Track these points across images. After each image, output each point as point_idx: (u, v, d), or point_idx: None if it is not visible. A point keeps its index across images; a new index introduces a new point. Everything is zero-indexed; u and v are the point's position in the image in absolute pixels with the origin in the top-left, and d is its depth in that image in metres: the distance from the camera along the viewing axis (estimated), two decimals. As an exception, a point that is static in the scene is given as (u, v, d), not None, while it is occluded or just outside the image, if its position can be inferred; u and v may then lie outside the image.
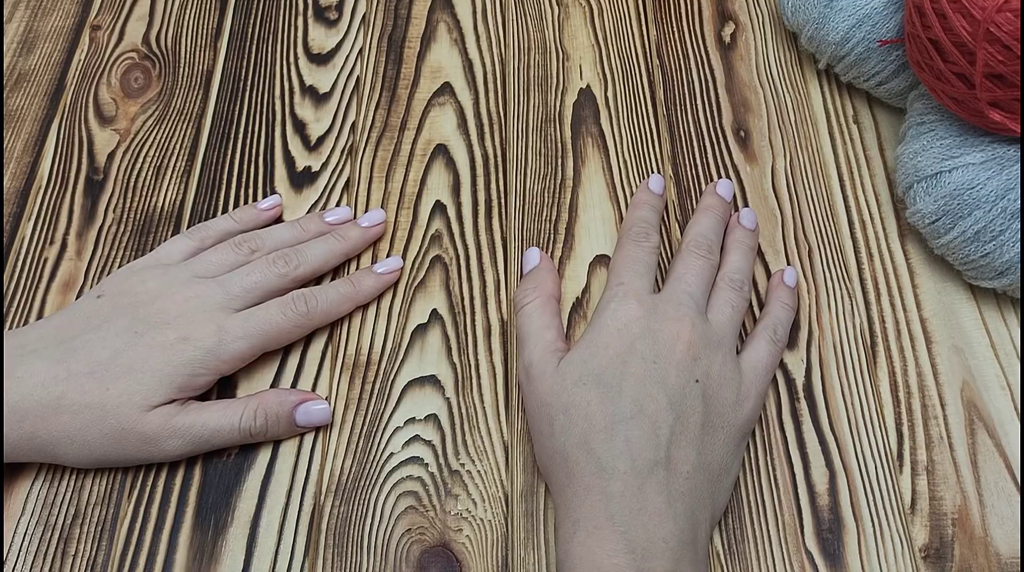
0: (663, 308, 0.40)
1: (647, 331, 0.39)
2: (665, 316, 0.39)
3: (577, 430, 0.37)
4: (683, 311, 0.40)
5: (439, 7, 0.56)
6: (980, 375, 0.43)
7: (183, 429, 0.39)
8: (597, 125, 0.51)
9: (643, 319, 0.39)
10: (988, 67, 0.39)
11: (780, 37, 0.55)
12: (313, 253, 0.44)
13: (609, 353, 0.38)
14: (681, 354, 0.38)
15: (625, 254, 0.43)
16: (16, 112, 0.53)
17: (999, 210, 0.41)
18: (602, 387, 0.37)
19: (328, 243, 0.45)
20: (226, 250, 0.44)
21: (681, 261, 0.43)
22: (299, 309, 0.42)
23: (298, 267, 0.44)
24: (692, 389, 0.38)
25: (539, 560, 0.39)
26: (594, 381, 0.38)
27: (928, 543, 0.39)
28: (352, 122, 0.52)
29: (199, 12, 0.57)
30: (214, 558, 0.39)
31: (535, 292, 0.43)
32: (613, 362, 0.38)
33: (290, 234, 0.46)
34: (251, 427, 0.40)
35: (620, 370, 0.38)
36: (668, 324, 0.39)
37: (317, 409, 0.42)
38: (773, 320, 0.43)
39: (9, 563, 0.39)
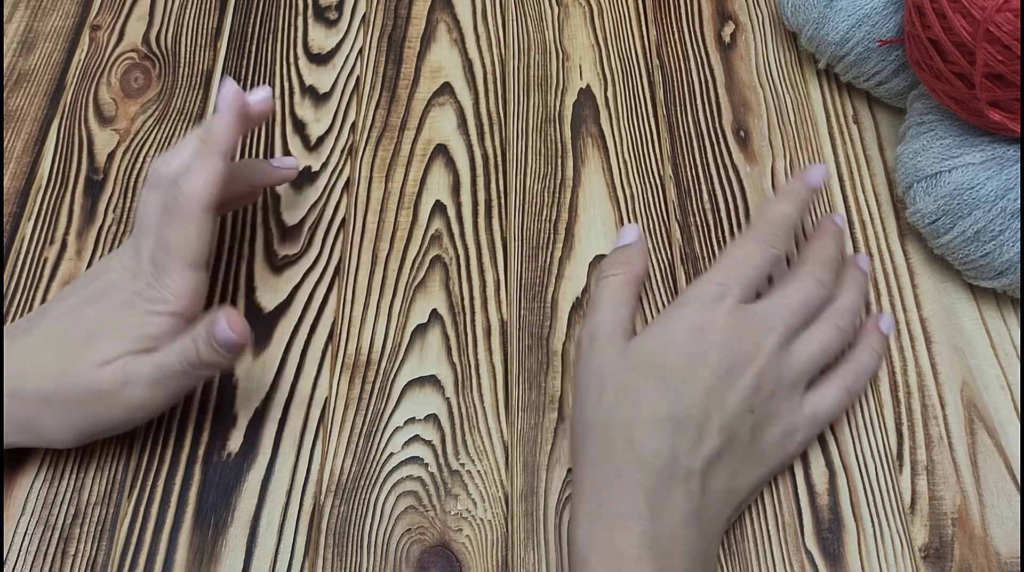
0: (750, 323, 0.38)
1: (725, 344, 0.37)
2: (749, 334, 0.37)
3: (622, 413, 0.36)
4: (769, 336, 0.38)
5: (439, 7, 0.56)
6: (980, 375, 0.43)
7: (135, 374, 0.37)
8: (597, 125, 0.51)
9: (726, 330, 0.37)
10: (988, 67, 0.39)
11: (780, 37, 0.55)
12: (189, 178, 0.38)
13: (679, 351, 0.37)
14: (748, 379, 0.37)
15: (744, 253, 0.40)
16: (16, 112, 0.53)
17: (999, 210, 0.41)
18: (660, 382, 0.37)
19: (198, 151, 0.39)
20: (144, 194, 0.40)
21: (798, 280, 0.40)
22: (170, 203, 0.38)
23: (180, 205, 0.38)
24: (745, 418, 0.37)
25: (539, 560, 0.39)
26: (655, 373, 0.37)
27: (928, 543, 0.39)
28: (352, 122, 0.52)
29: (199, 12, 0.57)
30: (214, 558, 0.39)
31: (623, 267, 0.42)
32: (680, 362, 0.37)
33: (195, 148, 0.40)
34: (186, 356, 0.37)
35: (685, 374, 0.36)
36: (748, 344, 0.37)
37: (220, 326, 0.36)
38: (856, 367, 0.40)
39: (9, 563, 0.39)
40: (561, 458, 0.41)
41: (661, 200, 0.49)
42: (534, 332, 0.45)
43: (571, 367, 0.43)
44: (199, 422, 0.42)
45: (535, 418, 0.42)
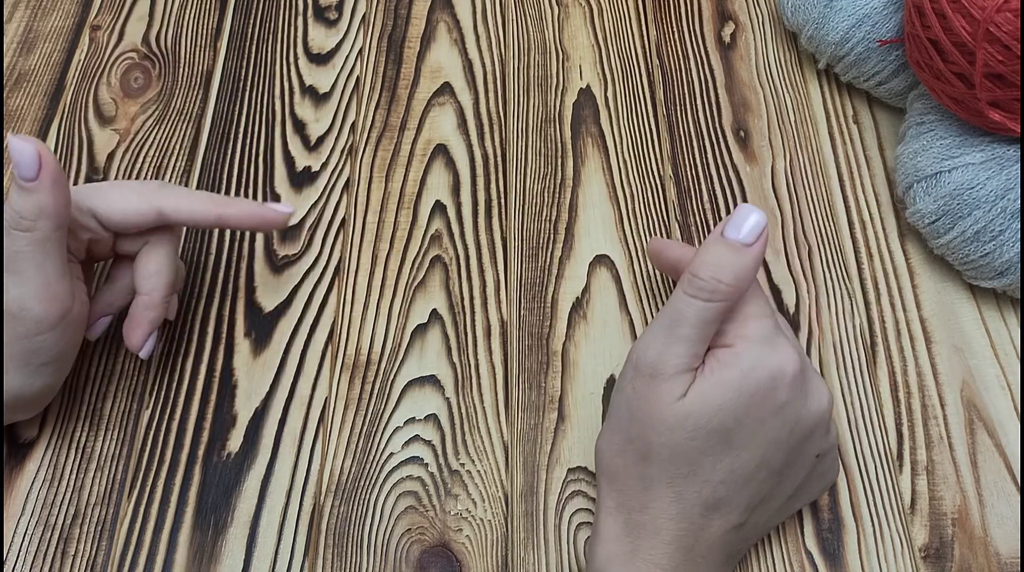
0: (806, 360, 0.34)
1: (800, 393, 0.33)
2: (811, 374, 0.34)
3: (675, 471, 0.32)
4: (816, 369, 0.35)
5: (439, 7, 0.56)
6: (980, 375, 0.43)
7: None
8: (597, 125, 0.51)
9: (799, 374, 0.33)
10: (988, 67, 0.39)
11: (780, 37, 0.55)
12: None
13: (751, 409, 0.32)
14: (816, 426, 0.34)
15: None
16: (16, 112, 0.53)
17: (999, 210, 0.41)
18: (724, 442, 0.32)
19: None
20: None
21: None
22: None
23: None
24: (807, 463, 0.34)
25: (539, 560, 0.39)
26: (719, 434, 0.32)
27: (928, 543, 0.39)
28: (352, 122, 0.52)
29: (199, 12, 0.57)
30: (214, 558, 0.39)
31: (727, 292, 0.32)
32: (751, 420, 0.32)
33: None
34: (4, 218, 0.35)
35: (754, 429, 0.32)
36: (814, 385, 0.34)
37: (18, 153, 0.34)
38: None
39: (9, 563, 0.39)
40: (561, 458, 0.41)
41: (661, 200, 0.49)
42: (534, 332, 0.45)
43: (571, 366, 0.43)
44: (199, 422, 0.42)
45: (535, 418, 0.42)
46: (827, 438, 0.35)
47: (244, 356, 0.44)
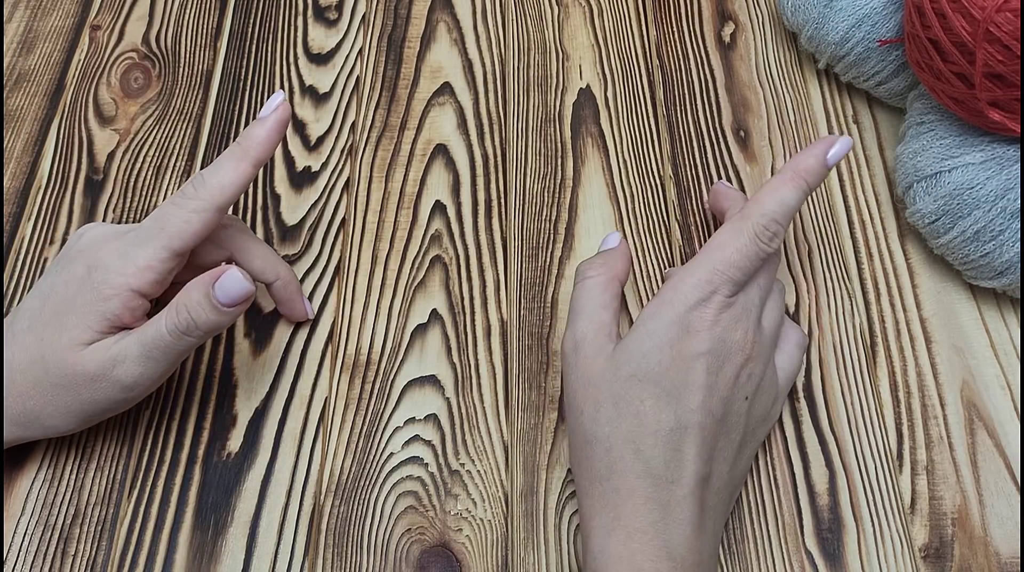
0: (733, 313, 0.37)
1: (718, 341, 0.36)
2: (733, 326, 0.37)
3: (625, 426, 0.35)
4: (749, 322, 0.37)
5: (439, 7, 0.56)
6: (980, 375, 0.43)
7: (122, 354, 0.37)
8: (597, 125, 0.51)
9: (716, 327, 0.36)
10: (988, 67, 0.39)
11: (780, 37, 0.55)
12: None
13: (673, 354, 0.36)
14: (739, 370, 0.36)
15: (739, 245, 0.37)
16: (16, 112, 0.53)
17: (999, 210, 0.41)
18: (659, 389, 0.35)
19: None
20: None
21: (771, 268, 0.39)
22: (187, 192, 0.38)
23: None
24: (741, 406, 0.37)
25: (539, 560, 0.39)
26: (651, 381, 0.35)
27: (928, 543, 0.39)
28: (352, 122, 0.52)
29: (199, 12, 0.57)
30: (214, 558, 0.39)
31: (603, 268, 0.39)
32: (675, 365, 0.35)
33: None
34: (177, 325, 0.37)
35: (682, 377, 0.35)
36: (735, 334, 0.37)
37: (230, 279, 0.36)
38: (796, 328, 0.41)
39: (9, 563, 0.39)
40: (561, 458, 0.41)
41: (661, 200, 0.49)
42: (534, 332, 0.45)
43: (571, 367, 0.43)
44: (199, 422, 0.42)
45: (535, 418, 0.42)
46: (750, 382, 0.37)
47: (244, 356, 0.44)
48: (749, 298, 0.38)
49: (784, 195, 0.38)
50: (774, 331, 0.39)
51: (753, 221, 0.37)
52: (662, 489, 0.34)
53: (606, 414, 0.36)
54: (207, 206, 0.38)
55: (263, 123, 0.39)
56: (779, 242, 0.38)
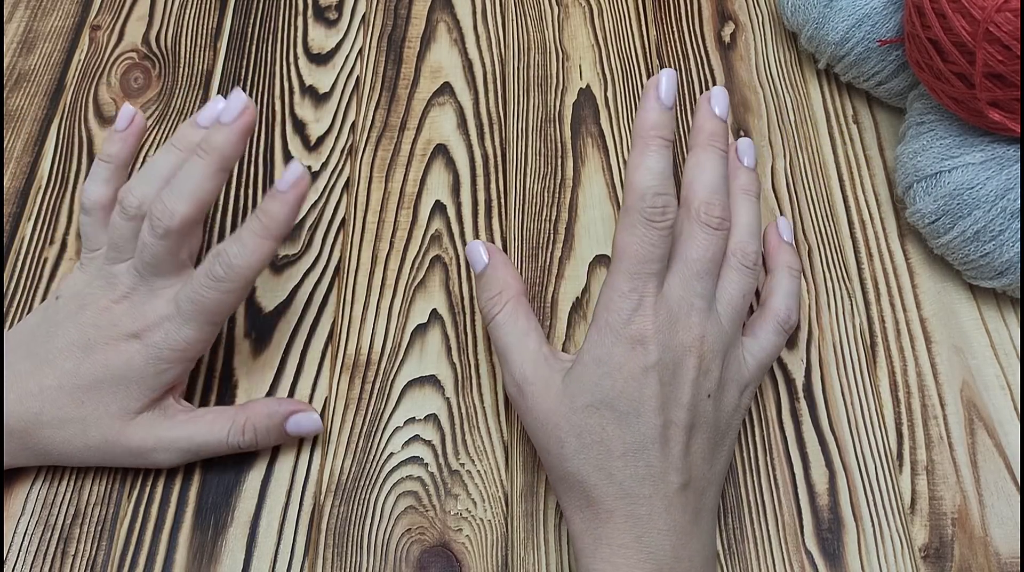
0: (674, 313, 0.35)
1: (664, 349, 0.35)
2: (678, 324, 0.35)
3: (592, 455, 0.35)
4: (695, 317, 0.36)
5: (439, 7, 0.56)
6: (980, 375, 0.43)
7: (168, 441, 0.39)
8: (597, 125, 0.51)
9: (660, 334, 0.35)
10: (988, 67, 0.39)
11: (780, 37, 0.55)
12: (182, 190, 0.38)
13: (623, 375, 0.35)
14: (694, 370, 0.35)
15: (637, 239, 0.35)
16: (16, 112, 0.53)
17: (999, 210, 0.41)
18: (616, 413, 0.35)
19: (194, 168, 0.38)
20: (118, 221, 0.40)
21: (690, 237, 0.37)
22: (217, 274, 0.38)
23: (173, 217, 0.38)
24: (705, 404, 0.36)
25: (539, 560, 0.39)
26: (607, 406, 0.35)
27: (928, 543, 0.39)
28: (352, 122, 0.52)
29: (199, 12, 0.57)
30: (214, 558, 0.39)
31: (501, 297, 0.39)
32: (628, 387, 0.35)
33: (165, 164, 0.40)
34: (240, 441, 0.39)
35: (637, 395, 0.35)
36: (682, 334, 0.35)
37: (307, 420, 0.40)
38: (782, 299, 0.40)
39: (9, 563, 0.39)
40: (561, 458, 0.41)
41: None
42: (534, 332, 0.45)
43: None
44: (199, 422, 0.42)
45: (535, 418, 0.42)
46: (708, 379, 0.36)
47: (244, 356, 0.44)
48: (686, 289, 0.36)
49: (647, 163, 0.36)
50: (732, 317, 0.37)
51: (636, 207, 0.35)
52: (640, 505, 0.34)
53: (571, 448, 0.35)
54: (238, 286, 0.38)
55: (285, 199, 0.38)
56: (672, 212, 0.35)
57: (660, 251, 0.35)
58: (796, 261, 0.42)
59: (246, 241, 0.38)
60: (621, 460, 0.34)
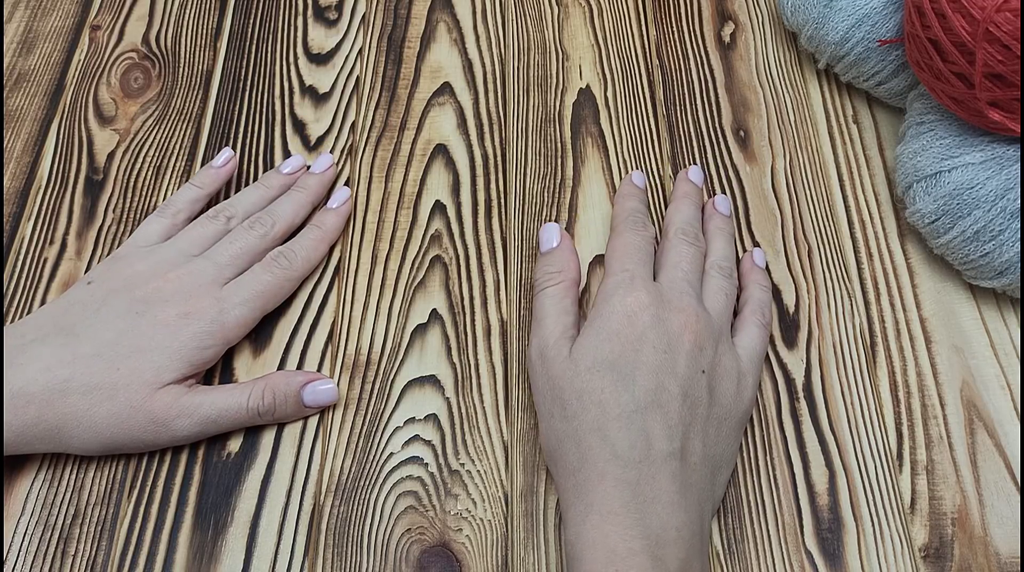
0: (668, 296, 0.40)
1: (657, 320, 0.38)
2: (671, 305, 0.39)
3: (590, 416, 0.37)
4: (687, 301, 0.40)
5: (439, 7, 0.56)
6: (980, 375, 0.43)
7: (191, 408, 0.40)
8: (597, 125, 0.51)
9: (652, 307, 0.39)
10: (988, 67, 0.39)
11: (780, 37, 0.55)
12: (284, 210, 0.46)
13: (621, 340, 0.38)
14: (689, 344, 0.38)
15: (625, 241, 0.42)
16: (16, 112, 0.53)
17: (998, 210, 0.41)
18: (615, 374, 0.37)
19: (293, 197, 0.47)
20: (204, 224, 0.45)
21: (672, 249, 0.43)
22: (282, 265, 0.44)
23: (274, 226, 0.45)
24: (699, 380, 0.38)
25: (539, 560, 0.39)
26: (607, 368, 0.37)
27: (928, 543, 0.39)
28: (352, 122, 0.52)
29: (199, 12, 0.57)
30: (214, 558, 0.39)
31: (560, 275, 0.43)
32: (626, 350, 0.38)
33: (257, 195, 0.47)
34: (259, 406, 0.41)
35: (633, 358, 0.37)
36: (675, 313, 0.39)
37: (324, 389, 0.42)
38: (757, 303, 0.43)
39: (9, 563, 0.39)
40: (561, 458, 0.41)
41: (661, 200, 0.49)
42: (534, 332, 0.45)
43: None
44: (199, 422, 0.42)
45: (535, 418, 0.42)
46: (702, 355, 0.38)
47: (244, 356, 0.44)
48: (676, 279, 0.41)
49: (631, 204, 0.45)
50: (720, 312, 0.41)
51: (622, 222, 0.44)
52: (630, 469, 0.35)
53: (572, 409, 0.37)
54: (297, 276, 0.45)
55: (338, 213, 0.47)
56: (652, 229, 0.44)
57: (644, 249, 0.42)
58: (767, 281, 0.45)
59: (307, 243, 0.45)
60: (616, 421, 0.36)
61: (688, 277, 0.41)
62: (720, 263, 0.43)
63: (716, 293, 0.42)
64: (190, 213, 0.46)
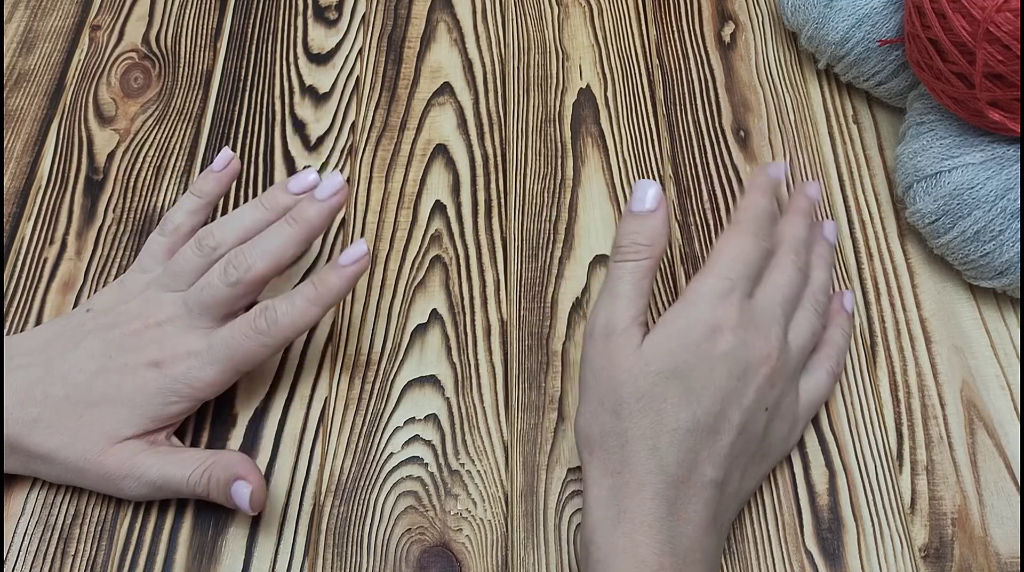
0: (758, 320, 0.37)
1: (740, 343, 0.36)
2: (758, 331, 0.37)
3: (646, 421, 0.35)
4: (775, 330, 0.38)
5: (439, 7, 0.56)
6: (980, 375, 0.43)
7: (140, 470, 0.38)
8: (597, 125, 0.51)
9: (740, 329, 0.37)
10: (988, 67, 0.39)
11: (780, 37, 0.55)
12: (265, 247, 0.40)
13: (699, 354, 0.36)
14: (763, 379, 0.37)
15: (742, 245, 0.39)
16: (16, 112, 0.53)
17: (999, 210, 0.41)
18: (683, 388, 0.36)
19: (283, 232, 0.40)
20: (188, 256, 0.41)
21: (779, 268, 0.40)
22: (259, 327, 0.39)
23: (249, 270, 0.39)
24: (760, 416, 0.37)
25: (539, 560, 0.39)
26: (677, 379, 0.36)
27: (928, 543, 0.39)
28: (352, 122, 0.52)
29: (199, 12, 0.57)
30: (214, 558, 0.39)
31: (648, 250, 0.38)
32: (701, 365, 0.36)
33: (252, 218, 0.42)
34: (195, 485, 0.38)
35: (706, 377, 0.36)
36: (760, 341, 0.37)
37: (240, 492, 0.37)
38: (835, 349, 0.42)
39: (9, 563, 0.39)
40: (561, 458, 0.41)
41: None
42: (534, 332, 0.45)
43: (571, 366, 0.43)
44: (199, 422, 0.42)
45: (535, 418, 0.42)
46: (771, 392, 0.37)
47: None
48: (772, 305, 0.38)
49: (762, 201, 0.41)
50: (801, 349, 0.39)
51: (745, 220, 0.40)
52: (672, 487, 0.34)
53: (628, 409, 0.36)
54: (275, 342, 0.39)
55: (343, 274, 0.39)
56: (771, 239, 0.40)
57: (755, 262, 0.39)
58: (850, 327, 0.44)
59: (296, 303, 0.39)
60: (670, 436, 0.35)
61: (785, 305, 0.39)
62: (818, 296, 0.41)
63: (805, 329, 0.40)
64: (192, 226, 0.43)
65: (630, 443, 0.35)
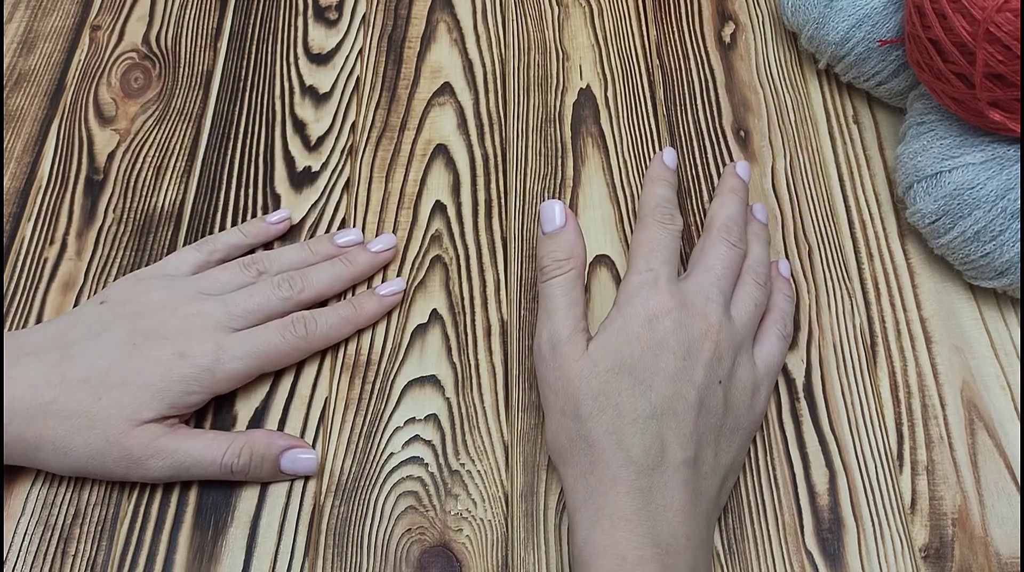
0: (692, 301, 0.39)
1: (679, 325, 0.38)
2: (695, 310, 0.38)
3: (606, 419, 0.36)
4: (712, 307, 0.39)
5: (439, 7, 0.56)
6: (980, 375, 0.43)
7: (167, 452, 0.39)
8: (597, 125, 0.51)
9: (674, 312, 0.38)
10: (988, 67, 0.39)
11: (780, 37, 0.55)
12: (319, 277, 0.44)
13: (641, 344, 0.37)
14: (708, 353, 0.38)
15: (651, 236, 0.41)
16: (16, 112, 0.53)
17: (999, 210, 0.41)
18: (633, 379, 0.37)
19: (335, 268, 0.45)
20: (234, 270, 0.44)
21: (712, 248, 0.41)
22: (298, 332, 0.42)
23: (302, 291, 0.43)
24: (716, 389, 0.38)
25: (539, 560, 0.39)
26: (626, 372, 0.37)
27: (928, 543, 0.39)
28: (352, 122, 0.52)
29: (199, 12, 0.57)
30: (214, 558, 0.39)
31: (568, 263, 0.40)
32: (645, 354, 0.37)
33: (298, 256, 0.45)
34: (233, 464, 0.39)
35: (652, 364, 0.37)
36: (698, 320, 0.38)
37: (304, 458, 0.41)
38: (780, 313, 0.43)
39: (9, 563, 0.39)
40: (561, 458, 0.41)
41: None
42: (534, 332, 0.45)
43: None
44: (199, 422, 0.42)
45: (535, 418, 0.42)
46: (720, 365, 0.38)
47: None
48: (705, 284, 0.40)
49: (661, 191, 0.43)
50: (746, 321, 0.40)
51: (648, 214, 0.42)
52: (643, 476, 0.35)
53: (586, 410, 0.37)
54: (308, 348, 0.43)
55: (381, 302, 0.44)
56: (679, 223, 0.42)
57: (670, 246, 0.41)
58: (792, 291, 0.44)
59: (333, 319, 0.43)
60: (631, 426, 0.36)
61: (719, 282, 0.40)
62: (756, 269, 0.42)
63: (746, 301, 0.41)
64: (226, 256, 0.45)
65: (596, 442, 0.36)
